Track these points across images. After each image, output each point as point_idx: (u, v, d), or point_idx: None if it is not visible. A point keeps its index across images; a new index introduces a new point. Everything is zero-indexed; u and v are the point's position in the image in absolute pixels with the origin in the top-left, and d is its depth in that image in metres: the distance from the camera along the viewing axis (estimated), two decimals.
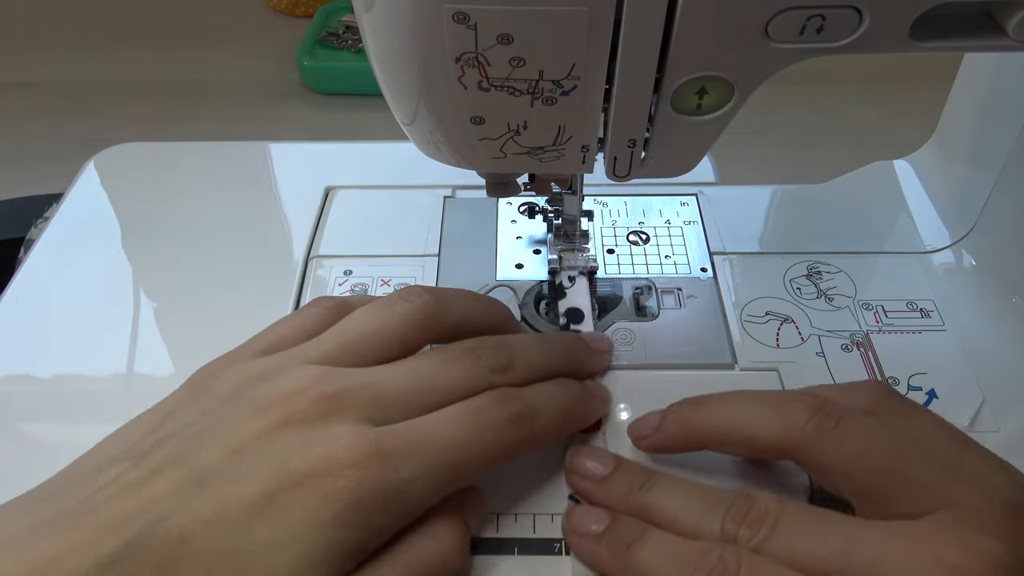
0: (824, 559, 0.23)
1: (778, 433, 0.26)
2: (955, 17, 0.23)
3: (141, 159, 0.49)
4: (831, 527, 0.24)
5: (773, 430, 0.26)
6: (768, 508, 0.25)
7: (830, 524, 0.24)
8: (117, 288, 0.40)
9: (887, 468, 0.25)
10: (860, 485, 0.25)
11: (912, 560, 0.22)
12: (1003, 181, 0.38)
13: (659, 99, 0.25)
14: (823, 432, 0.26)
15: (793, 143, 1.07)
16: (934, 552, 0.22)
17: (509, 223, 0.42)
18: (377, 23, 0.25)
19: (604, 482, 0.28)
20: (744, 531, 0.25)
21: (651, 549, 0.26)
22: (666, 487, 0.27)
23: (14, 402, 0.35)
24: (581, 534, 0.27)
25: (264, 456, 0.24)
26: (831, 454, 0.25)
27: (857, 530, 0.24)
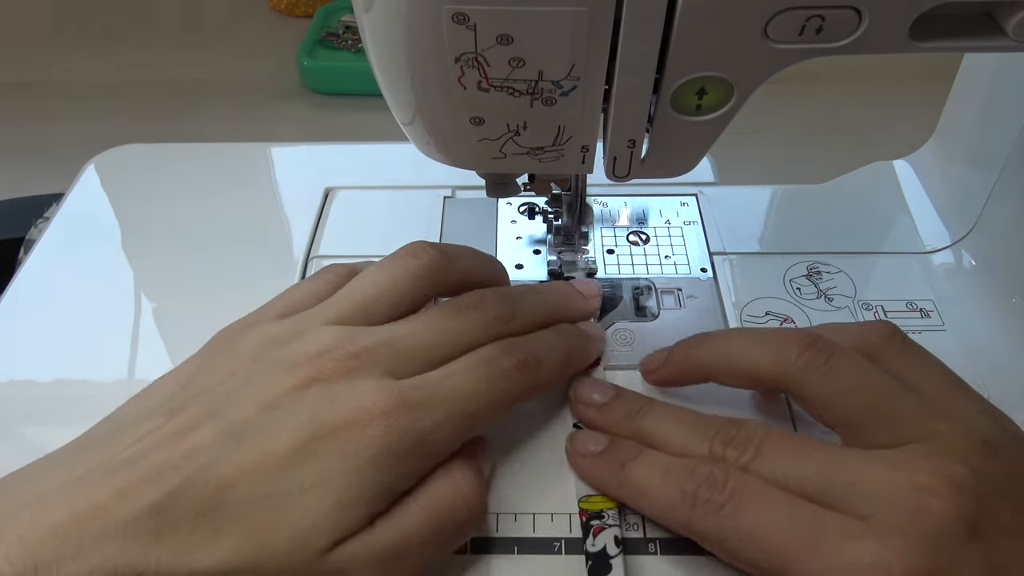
0: (805, 479, 0.25)
1: (772, 366, 0.28)
2: (955, 17, 0.23)
3: (141, 160, 0.49)
4: (813, 451, 0.26)
5: (767, 363, 0.28)
6: (755, 432, 0.27)
7: (812, 449, 0.26)
8: (117, 288, 0.40)
9: (871, 404, 0.26)
10: (845, 418, 0.27)
11: (886, 483, 0.24)
12: (1003, 181, 0.38)
13: (659, 99, 0.25)
14: (813, 367, 0.27)
15: (793, 143, 1.07)
16: (908, 476, 0.24)
17: (509, 223, 0.42)
18: (377, 23, 0.25)
19: (604, 408, 0.31)
20: (731, 452, 0.27)
21: (645, 466, 0.28)
22: (661, 412, 0.30)
23: (14, 402, 0.35)
24: (582, 454, 0.30)
25: (296, 411, 0.25)
26: (819, 389, 0.27)
27: (837, 455, 0.25)
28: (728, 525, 0.25)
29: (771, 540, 0.24)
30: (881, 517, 0.23)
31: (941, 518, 0.23)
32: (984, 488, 0.24)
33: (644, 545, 0.28)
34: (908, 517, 0.23)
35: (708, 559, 0.28)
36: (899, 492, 0.24)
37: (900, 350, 0.29)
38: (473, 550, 0.28)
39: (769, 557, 0.24)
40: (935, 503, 0.23)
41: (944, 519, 0.23)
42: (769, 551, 0.24)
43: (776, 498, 0.25)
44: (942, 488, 0.23)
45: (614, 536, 0.28)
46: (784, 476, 0.25)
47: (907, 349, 0.29)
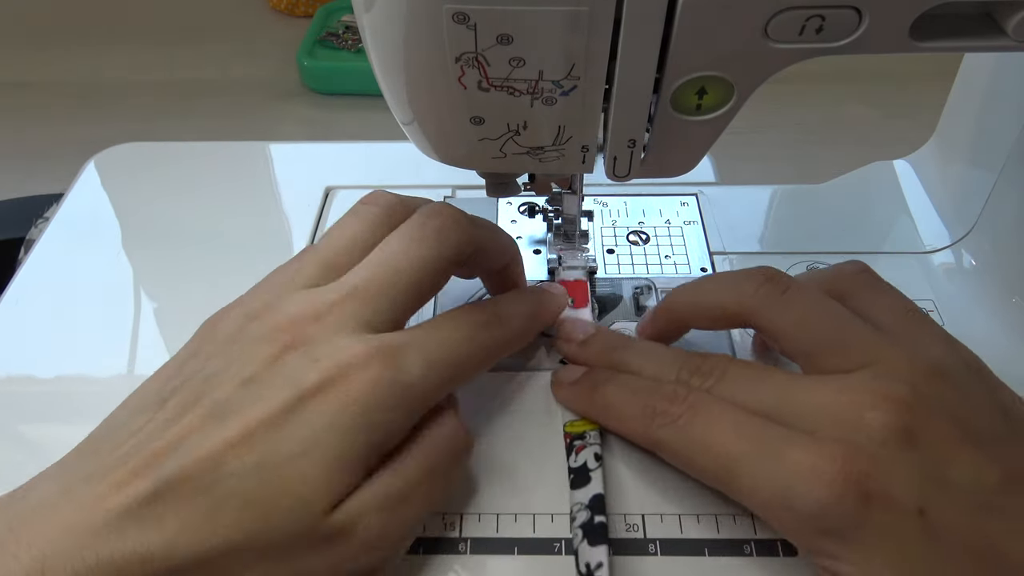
0: (759, 401, 0.27)
1: (735, 301, 0.30)
2: (955, 17, 0.23)
3: (141, 159, 0.49)
4: (770, 377, 0.28)
5: (730, 300, 0.30)
6: (719, 362, 0.29)
7: (769, 375, 0.28)
8: (117, 288, 0.40)
9: (825, 333, 0.28)
10: (802, 347, 0.28)
11: (831, 402, 0.26)
12: (1003, 181, 0.38)
13: (659, 99, 0.25)
14: (771, 299, 0.29)
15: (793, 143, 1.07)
16: (849, 396, 0.26)
17: (509, 223, 0.42)
18: (377, 23, 0.25)
19: (584, 344, 0.33)
20: (696, 379, 0.29)
21: (615, 387, 0.30)
22: (636, 346, 0.32)
23: (15, 402, 0.35)
24: (562, 383, 0.32)
25: (276, 379, 0.25)
26: (777, 319, 0.29)
27: (791, 380, 0.27)
28: (681, 435, 0.27)
29: (719, 447, 0.26)
30: (823, 431, 0.25)
31: (876, 429, 0.24)
32: (923, 404, 0.25)
33: (644, 545, 0.28)
34: (846, 430, 0.25)
35: (708, 559, 0.28)
36: (840, 409, 0.25)
37: (868, 286, 0.30)
38: (473, 551, 0.28)
39: (716, 463, 0.26)
40: (870, 416, 0.25)
41: (879, 430, 0.24)
42: (717, 457, 0.26)
43: (728, 412, 0.27)
44: (879, 403, 0.25)
45: (594, 453, 0.30)
46: (743, 399, 0.27)
47: (875, 285, 0.31)
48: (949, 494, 0.24)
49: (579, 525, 0.28)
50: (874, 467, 0.24)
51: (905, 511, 0.23)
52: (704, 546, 0.28)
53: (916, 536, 0.23)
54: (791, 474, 0.24)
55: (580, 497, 0.29)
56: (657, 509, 0.29)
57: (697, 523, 0.29)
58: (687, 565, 0.28)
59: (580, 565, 0.27)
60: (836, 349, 0.28)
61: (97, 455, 0.24)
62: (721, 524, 0.29)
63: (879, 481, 0.24)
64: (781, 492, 0.24)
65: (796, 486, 0.24)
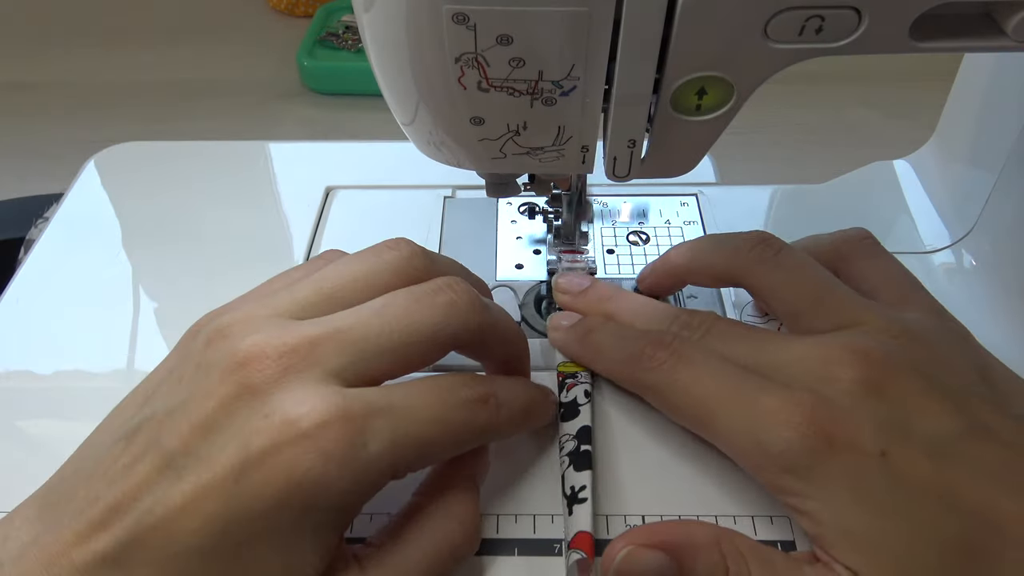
0: (740, 356, 0.28)
1: (728, 261, 0.32)
2: (955, 17, 0.23)
3: (141, 159, 0.49)
4: (752, 334, 0.29)
5: (725, 259, 0.32)
6: (705, 318, 0.30)
7: (752, 332, 0.30)
8: (117, 288, 0.40)
9: (810, 294, 0.30)
10: (789, 307, 0.30)
11: (805, 357, 0.27)
12: (1003, 181, 0.38)
13: (659, 99, 0.25)
14: (762, 260, 0.31)
15: (793, 143, 1.07)
16: (823, 351, 0.27)
17: (509, 223, 0.42)
18: (377, 23, 0.25)
19: (579, 295, 0.34)
20: (684, 332, 0.30)
21: (605, 333, 0.32)
22: (629, 298, 0.33)
23: (15, 402, 0.35)
24: (556, 328, 0.33)
25: (229, 432, 0.23)
26: (766, 279, 0.31)
27: (772, 338, 0.29)
28: (665, 379, 0.28)
29: (700, 391, 0.28)
30: (796, 383, 0.27)
31: (843, 381, 0.26)
32: (891, 360, 0.26)
33: None
34: (817, 381, 0.26)
35: None
36: (812, 362, 0.27)
37: (868, 254, 0.32)
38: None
39: (696, 406, 0.28)
40: (840, 370, 0.26)
41: (846, 382, 0.26)
42: (697, 400, 0.28)
43: (711, 361, 0.28)
44: (848, 359, 0.26)
45: (584, 390, 0.32)
46: (727, 351, 0.29)
47: (874, 252, 0.32)
48: (911, 439, 0.25)
49: (566, 453, 0.29)
50: (838, 414, 0.25)
51: (867, 452, 0.25)
52: None
53: (877, 475, 0.24)
54: (762, 418, 0.26)
55: (568, 429, 0.30)
56: (657, 510, 0.29)
57: None
58: None
59: (565, 488, 0.28)
60: (819, 310, 0.29)
61: (66, 496, 0.24)
62: (721, 525, 0.29)
63: (842, 426, 0.25)
64: (753, 434, 0.26)
65: (766, 429, 0.26)
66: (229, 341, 0.25)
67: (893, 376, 0.26)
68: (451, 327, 0.26)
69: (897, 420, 0.25)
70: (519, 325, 0.37)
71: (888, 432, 0.25)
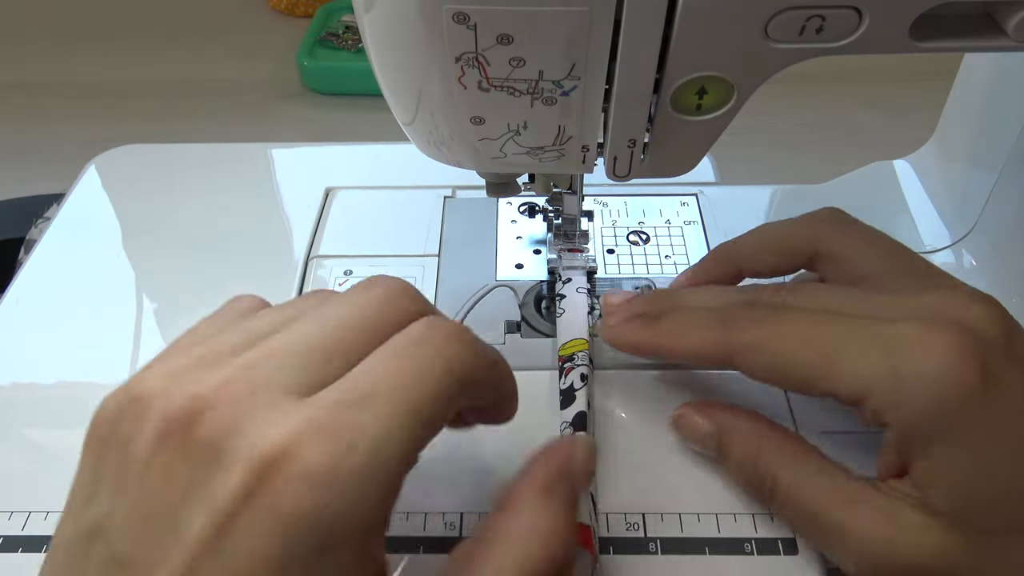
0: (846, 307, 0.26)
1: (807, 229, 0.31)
2: (955, 17, 0.23)
3: (142, 160, 0.49)
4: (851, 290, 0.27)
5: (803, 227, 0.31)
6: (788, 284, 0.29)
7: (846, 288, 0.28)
8: (118, 289, 0.40)
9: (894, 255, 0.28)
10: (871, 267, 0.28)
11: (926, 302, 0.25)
12: (1003, 181, 0.38)
13: (659, 99, 0.25)
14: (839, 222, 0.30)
15: (793, 143, 1.06)
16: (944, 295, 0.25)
17: (509, 223, 0.42)
18: (377, 23, 0.25)
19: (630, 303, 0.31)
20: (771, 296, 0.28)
21: (681, 313, 0.29)
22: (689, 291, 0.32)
23: (15, 403, 0.35)
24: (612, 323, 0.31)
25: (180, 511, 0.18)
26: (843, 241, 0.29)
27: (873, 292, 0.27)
28: (769, 330, 0.25)
29: (815, 334, 0.25)
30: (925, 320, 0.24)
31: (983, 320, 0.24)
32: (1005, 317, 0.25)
33: (645, 544, 0.28)
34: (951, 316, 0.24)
35: (708, 558, 0.28)
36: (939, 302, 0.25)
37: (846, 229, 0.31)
38: None
39: (812, 350, 0.25)
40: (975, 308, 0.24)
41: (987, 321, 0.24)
42: (812, 344, 0.25)
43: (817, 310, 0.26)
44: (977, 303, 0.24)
45: (580, 373, 0.31)
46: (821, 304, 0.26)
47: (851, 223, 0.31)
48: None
49: None
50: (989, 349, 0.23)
51: (1016, 398, 0.23)
52: (704, 545, 0.28)
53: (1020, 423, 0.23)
54: (900, 344, 0.23)
55: (565, 416, 0.30)
56: (657, 508, 0.29)
57: (697, 522, 0.29)
58: (688, 564, 0.28)
59: None
60: (905, 272, 0.28)
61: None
62: (722, 523, 0.29)
63: (994, 363, 0.23)
64: (890, 365, 0.23)
65: (908, 353, 0.23)
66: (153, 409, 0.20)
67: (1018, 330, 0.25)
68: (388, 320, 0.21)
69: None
70: (521, 323, 0.37)
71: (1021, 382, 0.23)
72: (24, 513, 0.30)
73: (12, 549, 0.29)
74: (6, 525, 0.29)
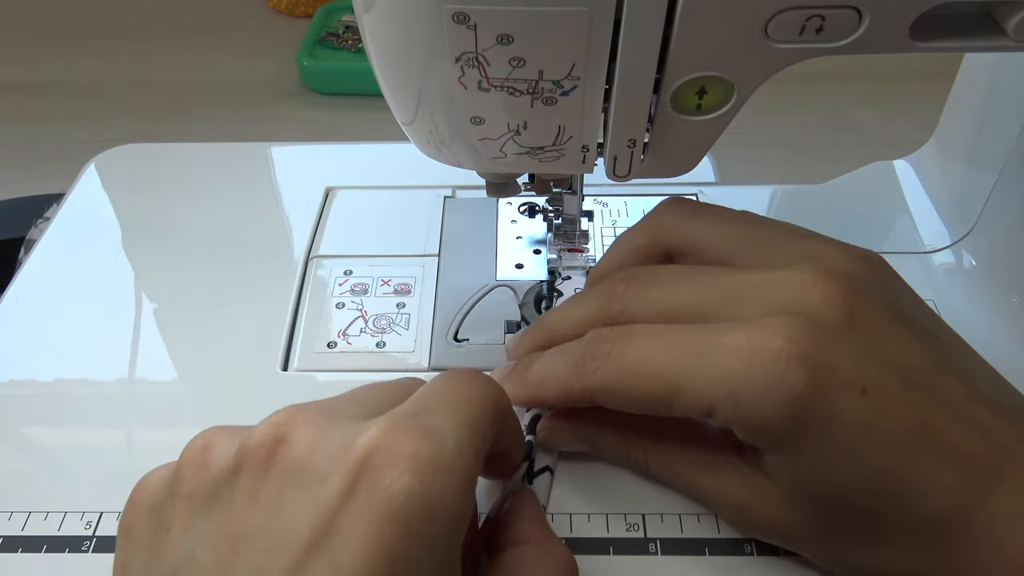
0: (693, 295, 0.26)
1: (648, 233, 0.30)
2: (955, 17, 0.23)
3: (142, 160, 0.49)
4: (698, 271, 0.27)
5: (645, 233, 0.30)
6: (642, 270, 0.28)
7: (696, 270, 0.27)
8: (118, 288, 0.40)
9: (741, 231, 0.27)
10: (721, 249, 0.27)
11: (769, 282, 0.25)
12: (1003, 181, 0.38)
13: (659, 99, 0.25)
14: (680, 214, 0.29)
15: (793, 143, 1.07)
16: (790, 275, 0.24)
17: (509, 223, 0.42)
18: (377, 23, 0.25)
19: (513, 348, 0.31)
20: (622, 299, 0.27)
21: (543, 360, 0.28)
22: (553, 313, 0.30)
23: (14, 403, 0.35)
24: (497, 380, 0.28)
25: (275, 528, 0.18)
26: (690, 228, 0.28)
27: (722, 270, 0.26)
28: (615, 369, 0.25)
29: (654, 363, 0.24)
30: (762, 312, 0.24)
31: (819, 305, 0.23)
32: (862, 284, 0.24)
33: (644, 545, 0.28)
34: (787, 307, 0.23)
35: (708, 558, 0.28)
36: (779, 287, 0.24)
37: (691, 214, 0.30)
38: None
39: (656, 381, 0.24)
40: (813, 292, 0.24)
41: (823, 305, 0.23)
42: (655, 374, 0.24)
43: (656, 328, 0.25)
44: (821, 280, 0.24)
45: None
46: (671, 302, 0.26)
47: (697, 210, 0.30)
48: (888, 372, 0.23)
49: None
50: (821, 341, 0.22)
51: (851, 388, 0.22)
52: (704, 545, 0.28)
53: (859, 418, 0.22)
54: (731, 359, 0.23)
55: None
56: (657, 508, 0.29)
57: (697, 522, 0.29)
58: (687, 564, 0.28)
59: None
60: (761, 245, 0.27)
61: None
62: (722, 523, 0.29)
63: (827, 355, 0.22)
64: (725, 383, 0.23)
65: (738, 370, 0.22)
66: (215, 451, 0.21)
67: (865, 299, 0.24)
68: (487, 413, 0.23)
69: (872, 350, 0.23)
70: (521, 323, 0.37)
71: (866, 364, 0.23)
72: (24, 513, 0.30)
73: (12, 549, 0.29)
74: (6, 525, 0.29)
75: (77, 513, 0.30)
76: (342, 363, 0.36)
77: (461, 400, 0.22)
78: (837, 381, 0.22)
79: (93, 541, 0.29)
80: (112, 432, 0.34)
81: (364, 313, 0.38)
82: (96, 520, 0.29)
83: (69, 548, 0.29)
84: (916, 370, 0.24)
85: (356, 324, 0.37)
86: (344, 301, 0.38)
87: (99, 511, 0.30)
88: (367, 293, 0.39)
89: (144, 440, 0.34)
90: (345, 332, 0.37)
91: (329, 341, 0.36)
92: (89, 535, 0.29)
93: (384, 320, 0.37)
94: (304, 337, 0.37)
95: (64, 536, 0.29)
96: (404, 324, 0.37)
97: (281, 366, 0.36)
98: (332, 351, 0.36)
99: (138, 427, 0.34)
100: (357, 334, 0.37)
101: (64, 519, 0.30)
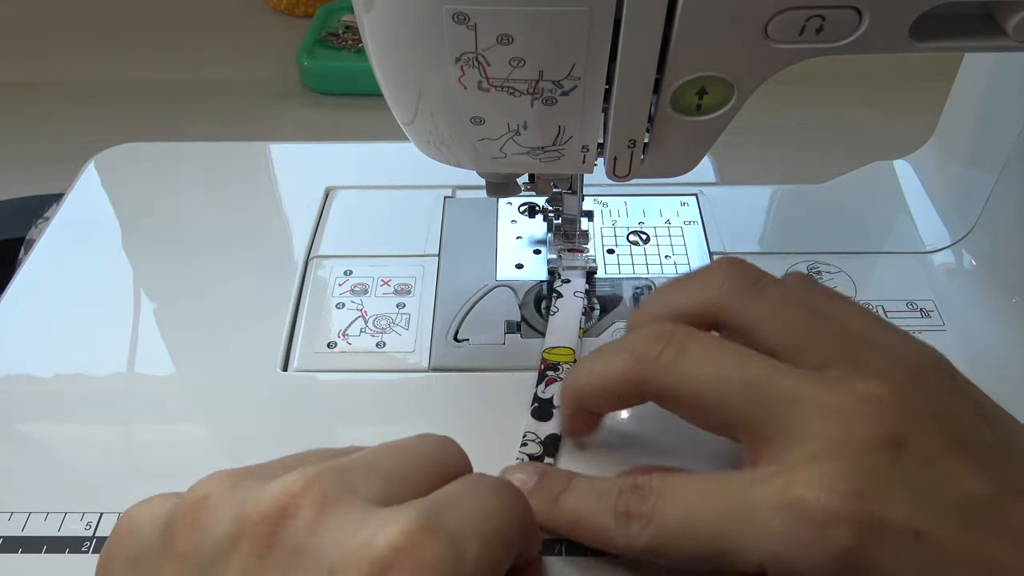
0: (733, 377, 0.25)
1: (701, 300, 0.27)
2: (955, 17, 0.23)
3: (142, 159, 0.49)
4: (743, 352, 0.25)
5: (697, 299, 0.28)
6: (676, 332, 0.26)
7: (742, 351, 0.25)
8: (117, 288, 0.40)
9: (801, 325, 0.26)
10: (776, 341, 0.26)
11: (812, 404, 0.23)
12: (1003, 181, 0.38)
13: (659, 99, 0.25)
14: (739, 292, 0.27)
15: (793, 143, 1.07)
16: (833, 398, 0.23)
17: (509, 223, 0.42)
18: (377, 23, 0.25)
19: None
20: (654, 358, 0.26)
21: (577, 493, 0.26)
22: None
23: (14, 402, 0.35)
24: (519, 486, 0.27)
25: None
26: (748, 311, 0.27)
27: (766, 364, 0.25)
28: (661, 531, 0.24)
29: (700, 526, 0.23)
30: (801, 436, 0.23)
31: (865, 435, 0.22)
32: (908, 407, 0.23)
33: None
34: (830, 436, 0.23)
35: None
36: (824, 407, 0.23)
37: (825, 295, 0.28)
38: None
39: (702, 542, 0.23)
40: (859, 418, 0.23)
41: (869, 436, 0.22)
42: (702, 535, 0.23)
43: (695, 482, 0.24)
44: (866, 410, 0.23)
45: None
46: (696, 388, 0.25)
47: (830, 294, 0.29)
48: (944, 511, 0.22)
49: (527, 453, 0.29)
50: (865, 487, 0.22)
51: (902, 535, 0.21)
52: None
53: (914, 563, 0.21)
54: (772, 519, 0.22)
55: (535, 428, 0.30)
56: None
57: None
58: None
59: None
60: (812, 344, 0.26)
61: None
62: None
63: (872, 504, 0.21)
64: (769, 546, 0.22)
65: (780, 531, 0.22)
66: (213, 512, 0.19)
67: (912, 425, 0.23)
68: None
69: (925, 487, 0.22)
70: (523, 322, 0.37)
71: (919, 505, 0.22)
72: (24, 514, 0.30)
73: (12, 550, 0.29)
74: (6, 525, 0.29)
75: (77, 513, 0.30)
76: (342, 363, 0.36)
77: (491, 508, 0.21)
78: (886, 530, 0.21)
79: (93, 542, 0.29)
80: (112, 433, 0.34)
81: (364, 313, 0.38)
82: (96, 521, 0.29)
83: (69, 548, 0.29)
84: (977, 503, 0.22)
85: (356, 324, 0.37)
86: (344, 301, 0.38)
87: (99, 512, 0.30)
88: (367, 293, 0.39)
89: (144, 441, 0.34)
90: (345, 332, 0.37)
91: (329, 341, 0.36)
92: (89, 535, 0.29)
93: (384, 320, 0.37)
94: (304, 337, 0.37)
95: (64, 536, 0.29)
96: (404, 324, 0.37)
97: (281, 366, 0.36)
98: (332, 351, 0.36)
99: (138, 428, 0.34)
100: (357, 334, 0.37)
101: (64, 519, 0.30)
